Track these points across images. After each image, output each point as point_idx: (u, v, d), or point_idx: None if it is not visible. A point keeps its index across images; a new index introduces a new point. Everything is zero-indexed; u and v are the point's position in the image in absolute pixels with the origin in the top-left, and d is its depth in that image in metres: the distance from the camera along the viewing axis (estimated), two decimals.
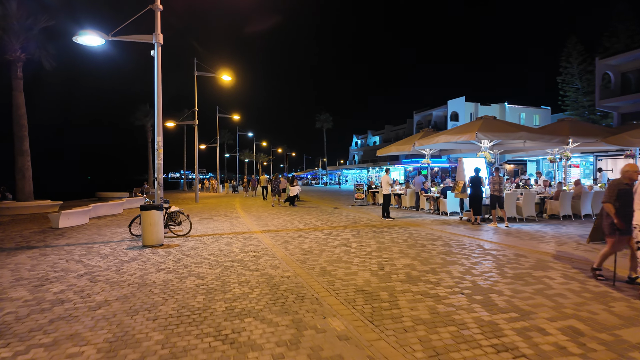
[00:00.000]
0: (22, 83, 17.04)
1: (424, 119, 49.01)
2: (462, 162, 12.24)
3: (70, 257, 7.04)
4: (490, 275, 5.48)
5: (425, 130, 17.26)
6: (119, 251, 7.60)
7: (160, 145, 9.17)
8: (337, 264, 6.22)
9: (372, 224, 11.20)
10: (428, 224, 11.23)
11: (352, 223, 11.54)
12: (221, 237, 9.12)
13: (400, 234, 9.25)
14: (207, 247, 7.93)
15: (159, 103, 9.20)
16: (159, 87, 9.23)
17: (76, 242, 8.73)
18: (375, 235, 9.10)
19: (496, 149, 15.65)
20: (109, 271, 5.96)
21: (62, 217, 11.33)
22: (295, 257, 6.82)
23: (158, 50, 9.22)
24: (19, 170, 17.02)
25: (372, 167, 51.67)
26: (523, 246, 7.63)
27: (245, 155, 78.80)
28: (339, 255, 6.88)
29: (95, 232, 10.38)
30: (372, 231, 9.81)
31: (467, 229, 10.05)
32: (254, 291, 4.86)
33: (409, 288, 4.92)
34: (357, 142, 74.14)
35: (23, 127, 17.08)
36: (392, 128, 60.53)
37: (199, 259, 6.72)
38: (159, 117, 9.19)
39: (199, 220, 12.68)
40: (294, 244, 8.13)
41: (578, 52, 33.02)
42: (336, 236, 9.07)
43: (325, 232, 9.68)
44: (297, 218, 13.08)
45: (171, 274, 5.77)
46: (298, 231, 9.98)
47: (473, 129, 12.55)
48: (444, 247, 7.63)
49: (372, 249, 7.42)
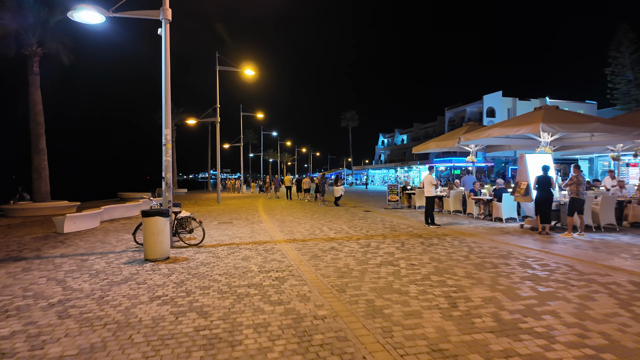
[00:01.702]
0: (38, 79, 16.34)
1: (457, 115, 46.31)
2: (524, 160, 10.26)
3: (53, 275, 5.74)
4: (622, 321, 3.68)
5: (470, 124, 15.26)
6: (114, 267, 6.25)
7: (168, 140, 7.81)
8: (389, 295, 4.57)
9: (416, 233, 9.44)
10: (484, 233, 9.36)
11: (391, 231, 9.83)
12: (238, 248, 7.65)
13: (457, 248, 7.47)
14: (221, 262, 6.46)
15: (167, 90, 7.85)
16: (167, 71, 7.88)
17: (72, 253, 7.49)
18: (426, 249, 7.37)
19: (555, 144, 13.52)
20: (89, 299, 4.57)
21: (68, 222, 10.24)
22: (330, 281, 5.22)
23: (166, 28, 7.87)
24: (35, 169, 16.33)
25: (400, 166, 49.44)
26: (635, 269, 5.70)
27: (270, 155, 78.15)
28: (387, 280, 5.23)
29: (100, 239, 9.18)
30: (419, 243, 8.08)
31: (538, 241, 8.14)
32: (276, 344, 3.30)
33: (512, 346, 3.21)
34: (383, 141, 71.82)
35: (40, 124, 16.37)
36: (421, 126, 57.92)
37: (207, 282, 5.25)
38: (167, 107, 7.84)
39: (217, 226, 11.32)
40: (326, 259, 6.54)
41: (630, 40, 29.69)
42: (377, 249, 7.41)
43: (362, 243, 8.03)
44: (326, 224, 11.49)
45: (167, 305, 4.31)
46: (329, 241, 8.39)
47: (535, 119, 10.57)
48: (522, 268, 5.82)
49: (428, 271, 5.72)
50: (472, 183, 13.47)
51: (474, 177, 14.37)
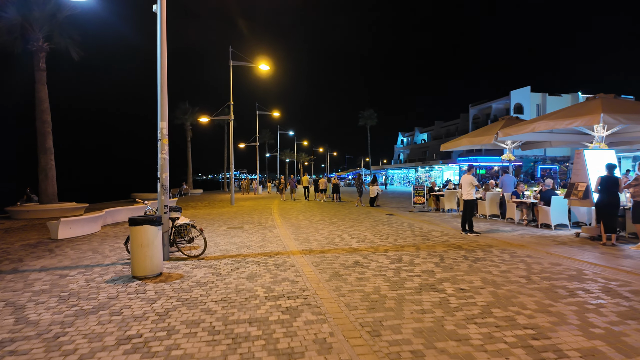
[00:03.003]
0: (45, 75, 15.69)
1: (481, 112, 44.13)
2: (582, 157, 8.72)
3: (15, 299, 4.68)
4: None
5: (506, 117, 13.66)
6: (93, 287, 5.16)
7: (164, 134, 6.70)
8: (442, 344, 3.27)
9: (455, 243, 8.05)
10: (534, 243, 7.89)
11: (423, 240, 8.47)
12: (245, 262, 6.47)
13: (511, 265, 6.07)
14: (221, 281, 5.29)
15: (163, 75, 6.75)
16: (164, 53, 6.78)
17: (55, 265, 6.48)
18: (472, 266, 6.00)
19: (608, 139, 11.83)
20: (38, 340, 3.45)
21: (62, 227, 9.31)
22: (358, 315, 3.95)
23: (162, 3, 6.77)
24: (41, 169, 15.67)
25: (421, 166, 47.58)
26: None
27: (286, 155, 77.35)
28: (434, 316, 3.91)
29: (93, 247, 8.19)
30: (461, 257, 6.70)
31: (607, 256, 6.64)
32: None
33: None
34: (402, 140, 69.81)
35: (46, 122, 15.72)
36: (443, 124, 55.74)
37: (197, 313, 4.07)
38: (162, 95, 6.74)
39: (226, 231, 10.20)
40: (350, 280, 5.27)
41: None
42: (411, 265, 6.09)
43: (392, 257, 6.72)
44: (347, 230, 10.21)
45: (136, 354, 3.14)
46: (351, 253, 7.12)
47: (593, 109, 8.98)
48: (610, 297, 4.40)
49: (485, 300, 4.37)
50: (512, 184, 11.93)
51: (514, 177, 12.78)
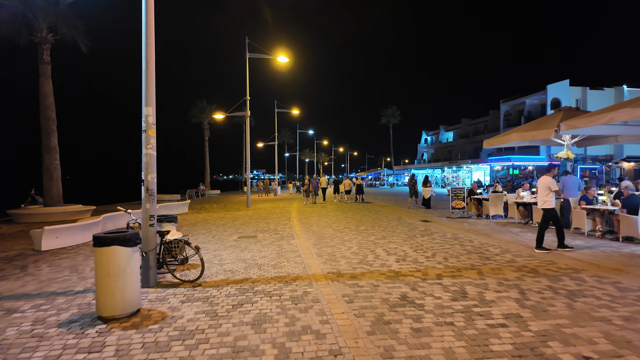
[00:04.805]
0: (49, 68, 14.64)
1: (514, 109, 41.29)
2: None
3: None
4: None
5: (565, 108, 11.56)
6: (37, 333, 3.67)
7: (150, 124, 5.18)
8: None
9: (524, 264, 6.19)
10: (631, 265, 5.95)
11: (480, 259, 6.64)
12: (253, 292, 4.87)
13: (626, 303, 4.20)
14: (215, 330, 3.70)
15: (150, 47, 5.23)
16: (151, 29, 5.27)
17: (12, 292, 5.07)
18: (573, 307, 4.16)
19: None
20: None
21: (47, 236, 8.01)
22: None
23: None
24: (46, 169, 14.64)
25: (447, 166, 45.05)
26: None
27: (306, 155, 76.03)
28: None
29: (74, 263, 6.80)
30: (546, 287, 4.87)
31: None
32: None
33: None
34: (426, 138, 67.09)
35: (50, 119, 14.68)
36: (470, 122, 52.90)
37: None
38: (149, 74, 5.22)
39: (236, 242, 8.67)
40: (404, 335, 3.57)
41: None
42: (483, 304, 4.32)
43: (451, 288, 4.96)
44: (379, 241, 8.49)
45: None
46: (392, 279, 5.40)
47: None
48: None
49: None
50: (576, 187, 9.89)
51: (578, 179, 10.71)
